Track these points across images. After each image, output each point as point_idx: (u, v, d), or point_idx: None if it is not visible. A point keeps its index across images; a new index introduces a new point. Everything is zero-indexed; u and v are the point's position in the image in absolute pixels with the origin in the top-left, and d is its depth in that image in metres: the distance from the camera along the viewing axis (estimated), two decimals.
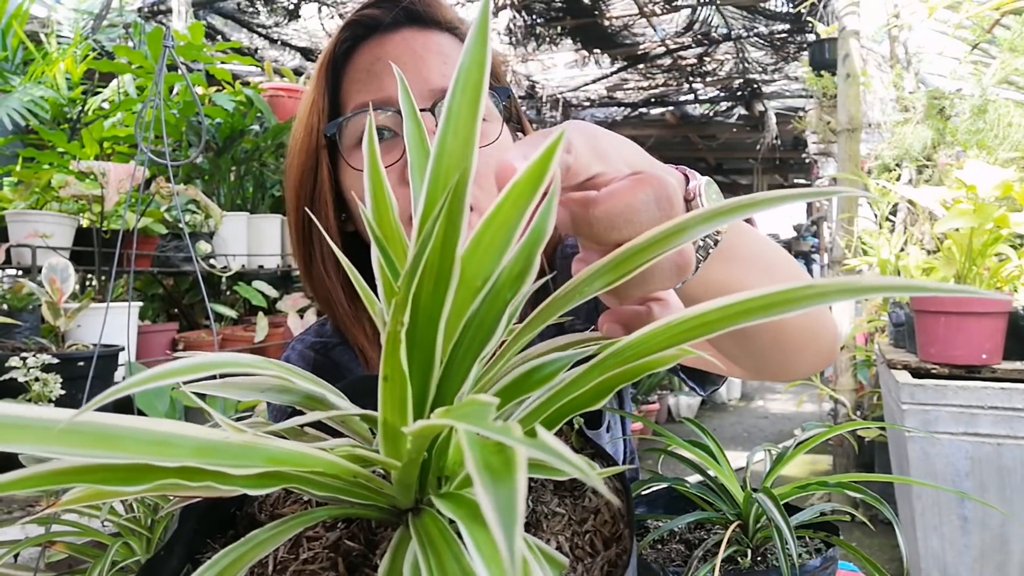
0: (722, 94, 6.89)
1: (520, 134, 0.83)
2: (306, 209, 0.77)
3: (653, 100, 7.08)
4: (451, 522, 0.27)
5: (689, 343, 0.30)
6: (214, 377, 0.33)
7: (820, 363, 0.68)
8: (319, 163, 0.76)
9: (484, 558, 0.19)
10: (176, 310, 2.80)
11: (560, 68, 6.09)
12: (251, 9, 4.76)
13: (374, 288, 0.37)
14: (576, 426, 0.45)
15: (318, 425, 0.36)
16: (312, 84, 0.77)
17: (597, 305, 0.82)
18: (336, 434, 0.38)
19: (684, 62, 6.04)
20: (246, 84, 2.82)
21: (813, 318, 0.63)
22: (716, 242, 0.49)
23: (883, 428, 2.55)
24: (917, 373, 1.93)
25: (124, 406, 1.78)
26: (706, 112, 7.50)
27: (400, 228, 0.37)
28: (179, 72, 1.73)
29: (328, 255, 0.77)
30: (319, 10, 4.86)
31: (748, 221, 0.57)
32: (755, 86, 6.47)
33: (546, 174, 0.30)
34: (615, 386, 0.32)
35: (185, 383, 0.29)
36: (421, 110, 0.70)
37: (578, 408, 0.33)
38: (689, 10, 5.10)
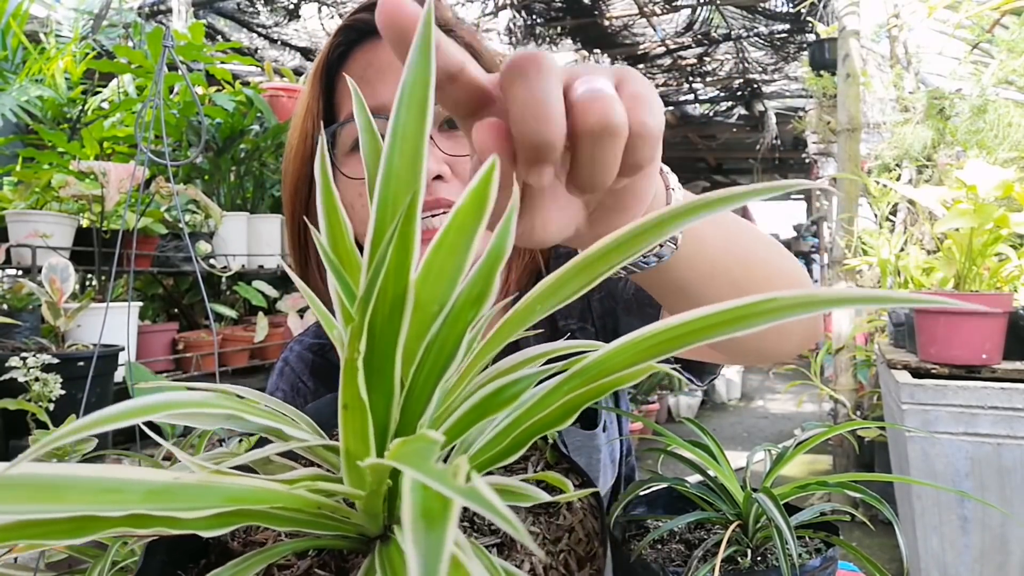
0: (722, 94, 6.89)
1: None
2: (302, 214, 0.77)
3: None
4: None
5: (655, 359, 0.29)
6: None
7: (803, 343, 0.68)
8: (314, 169, 0.76)
9: None
10: (176, 310, 2.80)
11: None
12: (251, 9, 4.76)
13: None
14: (551, 440, 0.45)
15: (290, 452, 0.35)
16: (307, 89, 0.77)
17: (589, 303, 0.82)
18: (307, 460, 0.38)
19: (684, 62, 6.04)
20: (246, 84, 2.82)
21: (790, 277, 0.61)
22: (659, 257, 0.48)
23: (883, 428, 2.55)
24: (917, 373, 1.93)
25: None
26: (706, 112, 7.50)
27: (356, 252, 0.36)
28: (179, 72, 1.73)
29: (321, 263, 0.77)
30: (319, 10, 4.86)
31: (747, 216, 0.57)
32: (755, 86, 6.47)
33: (487, 198, 0.29)
34: (582, 404, 0.31)
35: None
36: None
37: (546, 427, 0.32)
38: (689, 10, 5.10)
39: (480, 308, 0.32)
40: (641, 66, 6.13)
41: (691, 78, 6.46)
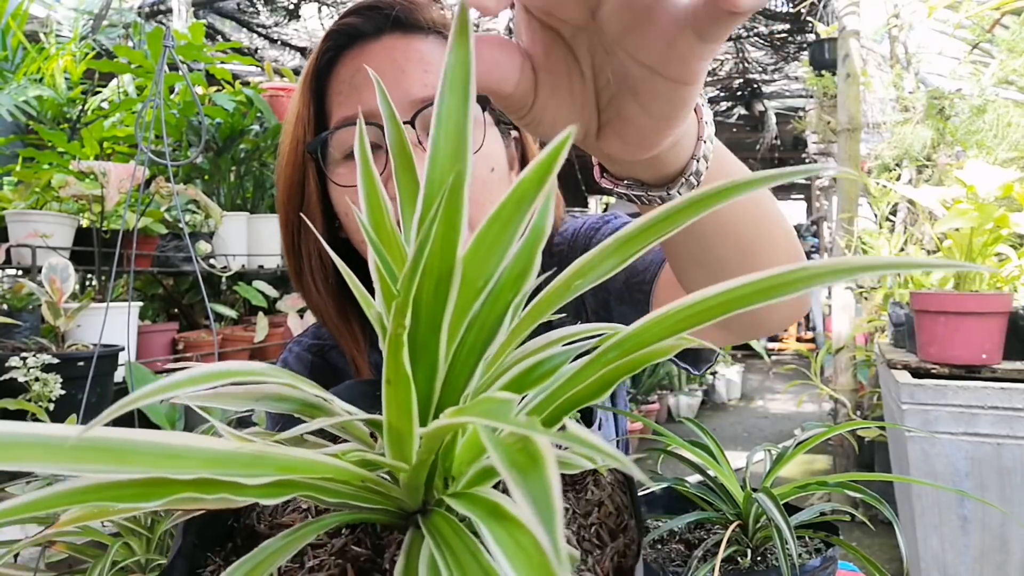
0: (722, 94, 6.89)
1: (514, 132, 0.82)
2: (295, 220, 0.77)
3: None
4: (462, 520, 0.28)
5: (690, 331, 0.29)
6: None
7: (794, 315, 0.68)
8: (306, 176, 0.75)
9: (507, 554, 0.19)
10: (176, 310, 2.80)
11: None
12: (251, 9, 4.76)
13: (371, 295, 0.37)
14: (576, 420, 0.45)
15: (316, 431, 0.36)
16: (297, 96, 0.76)
17: (583, 301, 0.82)
18: (334, 439, 0.38)
19: None
20: (246, 84, 2.82)
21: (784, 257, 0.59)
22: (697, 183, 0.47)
23: (883, 428, 2.56)
24: (917, 373, 1.93)
25: None
26: None
27: (396, 232, 0.37)
28: (179, 72, 1.73)
29: (316, 268, 0.77)
30: (319, 10, 4.86)
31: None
32: (755, 86, 6.47)
33: (551, 173, 0.29)
34: (617, 378, 0.32)
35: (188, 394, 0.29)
36: (403, 123, 0.70)
37: (581, 402, 0.33)
38: None
39: (522, 286, 0.32)
40: None
41: None
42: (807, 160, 6.48)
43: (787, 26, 5.17)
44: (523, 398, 0.34)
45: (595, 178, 0.51)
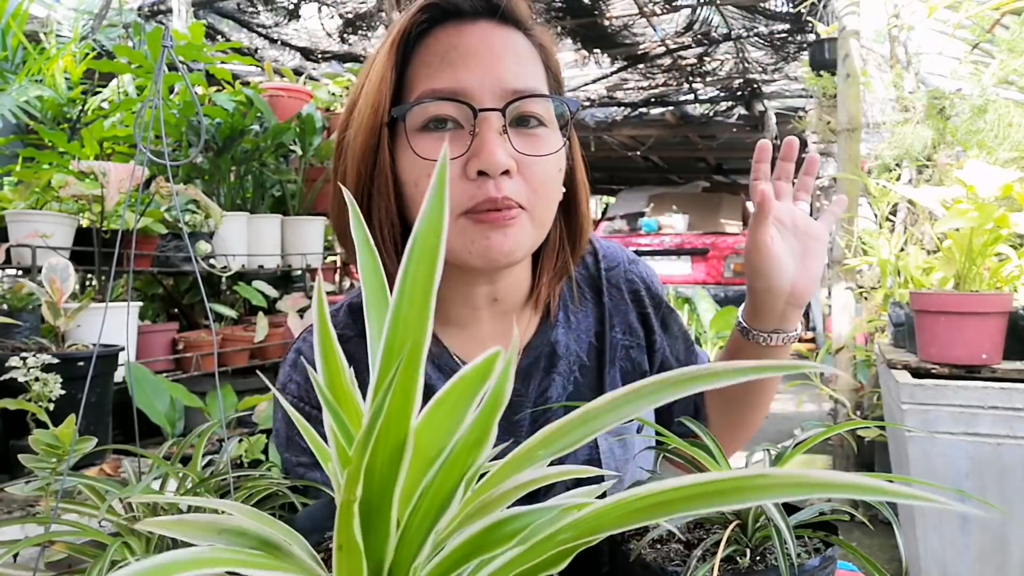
0: (722, 94, 6.89)
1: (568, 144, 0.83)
2: (368, 185, 0.76)
3: (653, 100, 7.08)
4: None
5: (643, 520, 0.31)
6: None
7: (741, 444, 0.93)
8: (380, 142, 0.75)
9: None
10: (176, 310, 2.80)
11: (561, 68, 6.07)
12: (251, 9, 4.76)
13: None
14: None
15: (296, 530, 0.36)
16: (381, 59, 0.75)
17: (627, 314, 0.89)
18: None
19: (684, 62, 6.04)
20: (246, 84, 2.82)
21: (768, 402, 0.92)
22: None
23: (883, 428, 2.55)
24: (917, 373, 1.93)
25: (125, 404, 1.78)
26: (706, 112, 7.50)
27: (354, 394, 0.37)
28: (179, 72, 1.73)
29: (388, 236, 0.76)
30: (319, 10, 4.86)
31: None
32: (755, 86, 6.47)
33: (488, 376, 0.31)
34: (573, 552, 0.32)
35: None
36: (492, 109, 0.71)
37: (538, 571, 0.33)
38: (689, 10, 5.10)
39: (478, 454, 0.33)
40: (641, 66, 6.13)
41: (691, 78, 6.45)
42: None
43: (787, 26, 5.17)
44: (485, 560, 0.34)
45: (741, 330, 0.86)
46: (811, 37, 4.65)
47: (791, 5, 4.82)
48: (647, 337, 0.91)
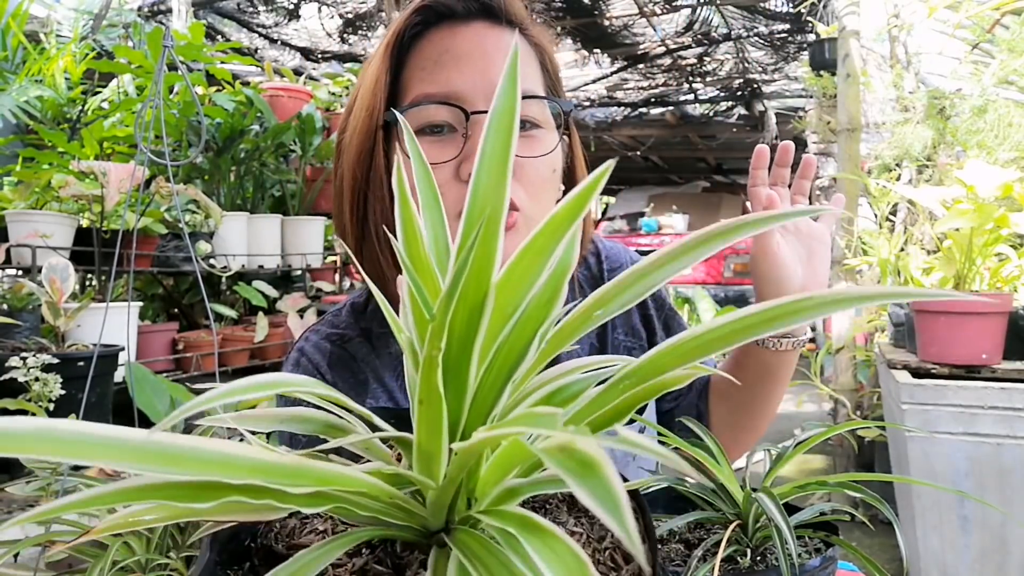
0: (722, 94, 6.89)
1: (567, 140, 0.83)
2: (364, 187, 0.76)
3: (653, 100, 7.08)
4: (490, 538, 0.29)
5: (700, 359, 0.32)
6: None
7: (748, 447, 0.90)
8: (376, 144, 0.75)
9: (545, 561, 0.21)
10: (176, 310, 2.80)
11: (560, 68, 6.08)
12: (251, 9, 4.76)
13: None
14: None
15: (336, 449, 0.37)
16: (377, 62, 0.75)
17: (630, 315, 0.89)
18: (355, 459, 0.39)
19: (684, 62, 6.04)
20: (246, 84, 2.83)
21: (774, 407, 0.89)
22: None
23: (883, 428, 2.55)
24: (917, 373, 1.93)
25: (125, 404, 1.78)
26: (706, 112, 7.50)
27: (430, 260, 0.38)
28: (179, 72, 1.73)
29: (383, 235, 0.76)
30: (319, 10, 4.86)
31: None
32: (755, 86, 6.47)
33: (583, 208, 0.32)
34: (636, 403, 0.33)
35: (242, 402, 0.31)
36: (484, 112, 0.71)
37: (603, 425, 0.34)
38: (689, 10, 5.10)
39: (549, 311, 0.34)
40: (641, 66, 6.13)
41: (691, 78, 6.45)
42: None
43: (787, 26, 5.17)
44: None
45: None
46: (811, 37, 4.65)
47: (791, 5, 4.82)
48: (649, 339, 0.91)
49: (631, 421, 0.92)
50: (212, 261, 2.38)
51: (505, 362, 0.34)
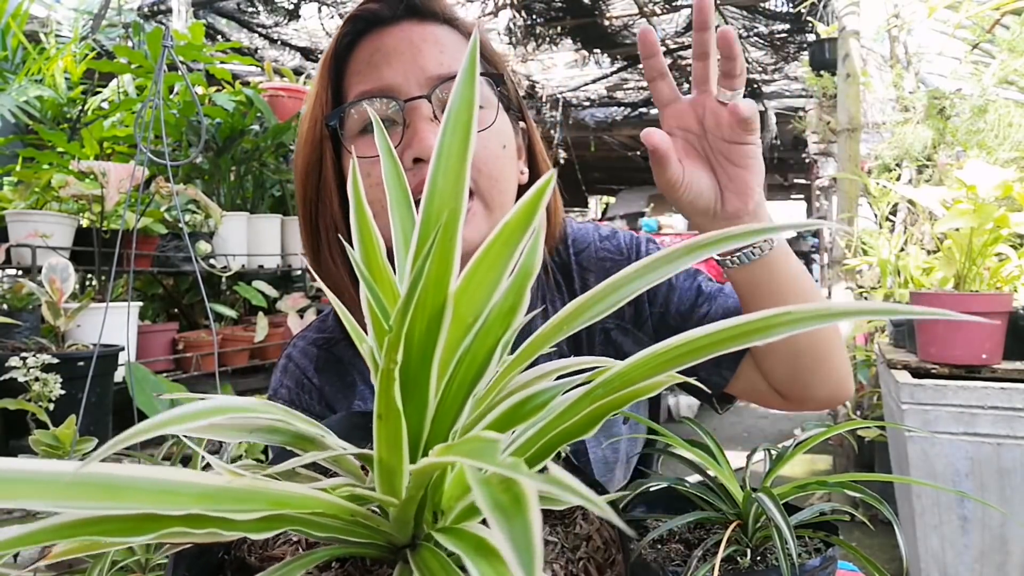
0: None
1: (521, 123, 0.84)
2: (313, 197, 0.78)
3: (653, 100, 7.08)
4: (450, 555, 0.28)
5: (676, 368, 0.31)
6: None
7: (839, 390, 0.87)
8: (323, 154, 0.77)
9: None
10: (176, 310, 2.80)
11: (560, 68, 6.08)
12: (251, 9, 4.76)
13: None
14: (563, 455, 0.45)
15: (309, 464, 0.36)
16: (316, 79, 0.78)
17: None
18: (326, 472, 0.38)
19: (684, 62, 6.03)
20: (246, 84, 2.82)
21: (834, 345, 0.84)
22: (762, 250, 0.70)
23: (883, 428, 2.56)
24: (917, 373, 1.93)
25: (125, 404, 1.78)
26: None
27: (388, 268, 0.37)
28: (179, 72, 1.73)
29: (334, 244, 0.78)
30: (319, 10, 4.86)
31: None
32: (755, 86, 6.47)
33: (535, 214, 0.31)
34: (606, 414, 0.32)
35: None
36: (419, 97, 0.73)
37: (570, 437, 0.33)
38: (689, 10, 5.10)
39: (512, 321, 0.33)
40: (641, 66, 6.12)
41: (691, 78, 6.44)
42: (806, 160, 6.48)
43: (787, 26, 5.16)
44: (513, 432, 0.34)
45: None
46: (811, 37, 4.66)
47: (791, 5, 4.82)
48: (636, 307, 0.86)
49: (626, 420, 0.90)
50: (212, 261, 2.38)
51: (467, 374, 0.33)
